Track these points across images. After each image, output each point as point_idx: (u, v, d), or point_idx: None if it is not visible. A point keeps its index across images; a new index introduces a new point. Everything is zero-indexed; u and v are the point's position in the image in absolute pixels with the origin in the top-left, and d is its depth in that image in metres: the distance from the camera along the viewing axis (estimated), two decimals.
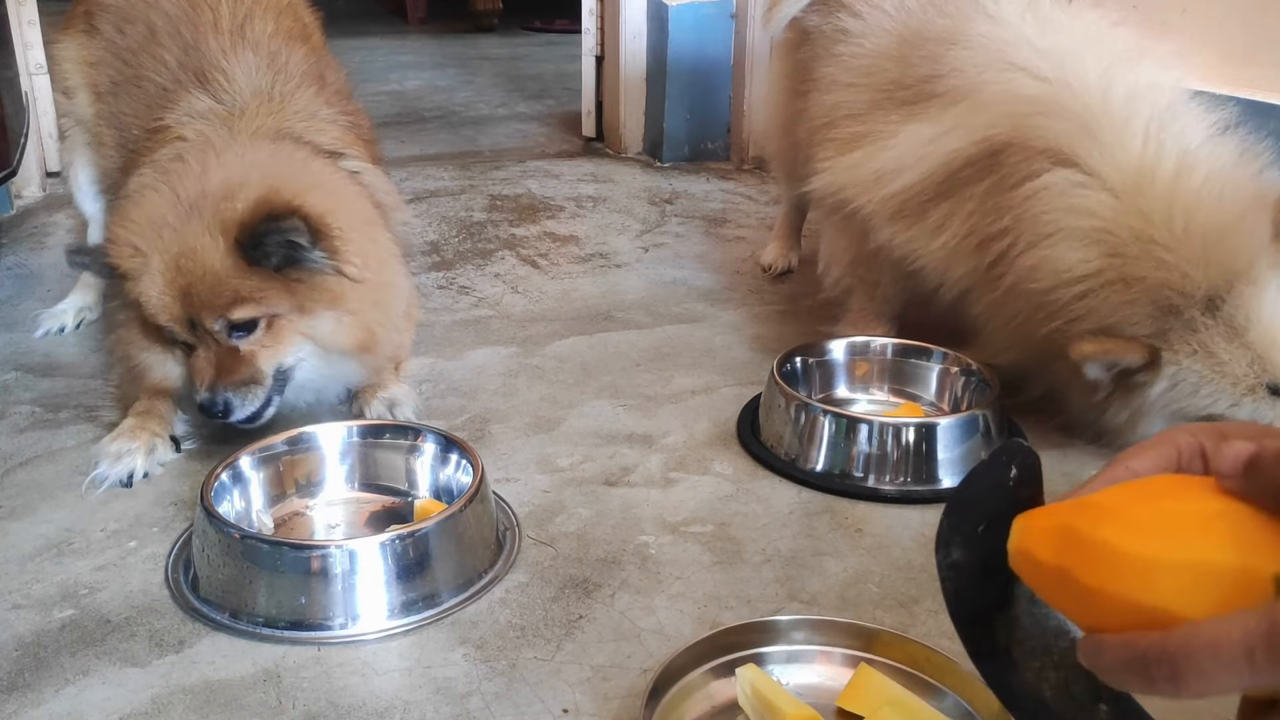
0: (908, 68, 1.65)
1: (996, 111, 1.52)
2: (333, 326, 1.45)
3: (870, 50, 1.72)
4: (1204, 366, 1.38)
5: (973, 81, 1.56)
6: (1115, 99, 1.45)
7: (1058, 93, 1.48)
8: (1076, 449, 1.56)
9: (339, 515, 1.38)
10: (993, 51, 1.56)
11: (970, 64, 1.56)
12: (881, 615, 1.18)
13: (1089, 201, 1.42)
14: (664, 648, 1.11)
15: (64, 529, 1.34)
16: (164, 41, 1.67)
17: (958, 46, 1.59)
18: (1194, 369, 1.38)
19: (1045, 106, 1.48)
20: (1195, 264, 1.37)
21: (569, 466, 1.50)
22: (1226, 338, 1.37)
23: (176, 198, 1.42)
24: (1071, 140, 1.44)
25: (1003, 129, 1.51)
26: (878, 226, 1.66)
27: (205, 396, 1.41)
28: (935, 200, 1.58)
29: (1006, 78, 1.53)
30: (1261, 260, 1.38)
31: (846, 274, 1.84)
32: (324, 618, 1.15)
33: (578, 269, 2.32)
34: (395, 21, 6.76)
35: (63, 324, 1.94)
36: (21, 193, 2.73)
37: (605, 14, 3.29)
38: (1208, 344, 1.37)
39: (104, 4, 1.80)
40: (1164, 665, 0.52)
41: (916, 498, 1.42)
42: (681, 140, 3.23)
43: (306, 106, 1.64)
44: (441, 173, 3.12)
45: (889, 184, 1.62)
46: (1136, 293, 1.39)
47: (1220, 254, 1.37)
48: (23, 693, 1.06)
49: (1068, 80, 1.49)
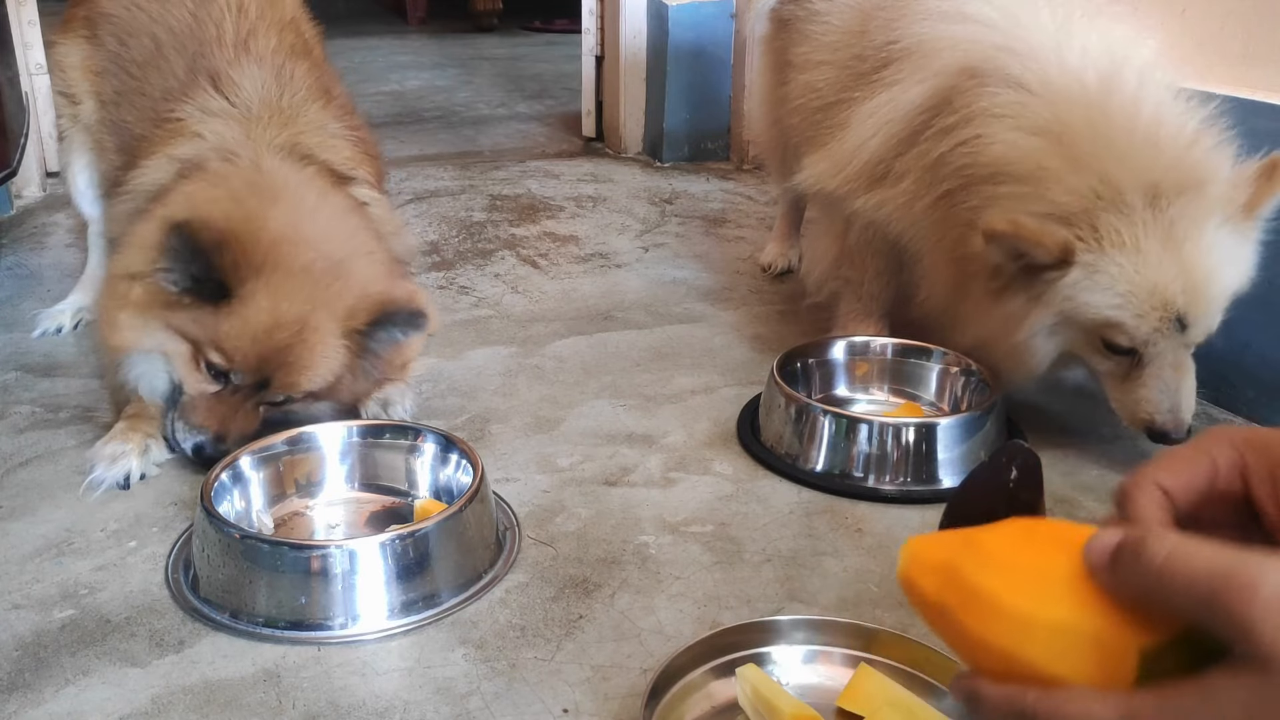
0: (868, 39, 1.67)
1: (947, 56, 1.52)
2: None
3: (837, 26, 1.75)
4: (1128, 262, 1.32)
5: (925, 34, 1.56)
6: (1073, 48, 1.44)
7: (1010, 40, 1.48)
8: (1076, 449, 1.56)
9: (339, 515, 1.38)
10: (946, 6, 1.56)
11: (923, 20, 1.57)
12: (881, 615, 1.18)
13: (1034, 102, 1.41)
14: (664, 648, 1.11)
15: (64, 529, 1.34)
16: (169, 55, 1.67)
17: (911, 9, 1.60)
18: (1117, 262, 1.33)
19: (997, 42, 1.48)
20: (1144, 154, 1.33)
21: (569, 466, 1.50)
22: (1162, 241, 1.32)
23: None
24: (1023, 68, 1.43)
25: (953, 67, 1.50)
26: (852, 203, 1.66)
27: (212, 443, 1.41)
28: (899, 156, 1.58)
29: (958, 27, 1.53)
30: (1215, 189, 1.34)
31: (830, 274, 1.85)
32: (324, 618, 1.15)
33: (578, 269, 2.32)
34: (395, 21, 6.76)
35: (60, 324, 1.94)
36: (21, 193, 2.73)
37: (605, 14, 3.29)
38: (1140, 239, 1.32)
39: (106, 13, 1.79)
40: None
41: (916, 498, 1.42)
42: (681, 140, 3.23)
43: (316, 119, 1.64)
44: (441, 173, 3.12)
45: (857, 158, 1.62)
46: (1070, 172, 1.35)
47: (1174, 157, 1.34)
48: (23, 693, 1.06)
49: (1020, 23, 1.49)
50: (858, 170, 1.63)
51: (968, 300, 1.51)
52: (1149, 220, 1.32)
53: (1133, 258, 1.33)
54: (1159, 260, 1.32)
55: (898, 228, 1.62)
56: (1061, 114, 1.40)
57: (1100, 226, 1.33)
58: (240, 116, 1.59)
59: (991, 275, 1.43)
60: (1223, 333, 1.67)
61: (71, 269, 2.18)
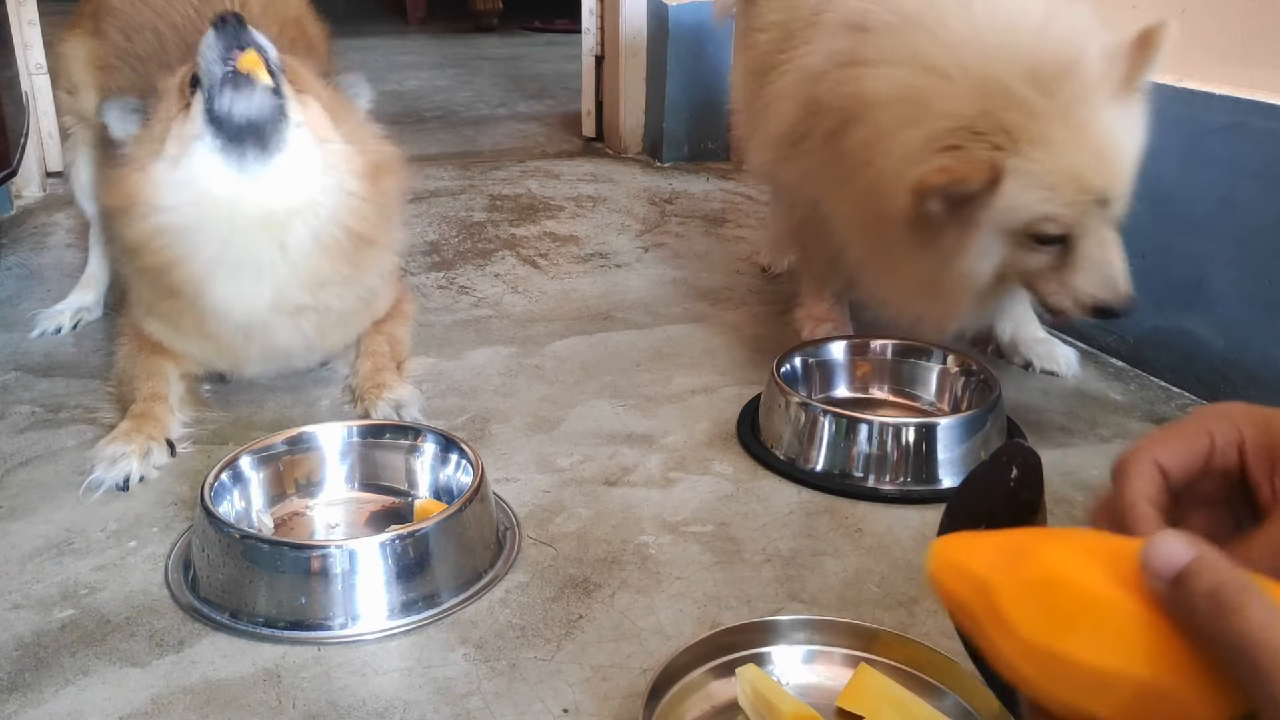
0: (806, 5, 1.67)
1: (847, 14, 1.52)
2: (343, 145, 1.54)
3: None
4: (1045, 155, 1.33)
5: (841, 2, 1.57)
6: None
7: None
8: (1076, 449, 1.56)
9: (339, 515, 1.38)
10: None
11: None
12: (881, 615, 1.18)
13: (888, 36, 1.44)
14: (664, 648, 1.11)
15: (64, 529, 1.34)
16: (171, 50, 1.68)
17: None
18: (1035, 158, 1.33)
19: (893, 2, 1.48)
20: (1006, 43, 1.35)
21: (569, 466, 1.50)
22: (1066, 126, 1.33)
23: None
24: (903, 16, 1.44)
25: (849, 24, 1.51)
26: (779, 176, 1.67)
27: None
28: (805, 118, 1.59)
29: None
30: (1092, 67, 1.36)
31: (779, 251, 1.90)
32: (324, 618, 1.15)
33: (578, 269, 2.32)
34: (395, 21, 6.75)
35: (59, 324, 1.94)
36: (21, 193, 2.73)
37: (605, 14, 3.29)
38: (1047, 129, 1.33)
39: (111, 8, 1.80)
40: None
41: (916, 498, 1.42)
42: (681, 140, 3.23)
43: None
44: (441, 173, 3.12)
45: (776, 127, 1.63)
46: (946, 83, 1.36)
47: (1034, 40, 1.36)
48: (23, 693, 1.06)
49: None
50: (776, 139, 1.65)
51: (892, 253, 1.50)
52: (1047, 109, 1.33)
53: (1049, 149, 1.34)
54: (1071, 145, 1.34)
55: (812, 191, 1.63)
56: (919, 41, 1.41)
57: (1010, 128, 1.34)
58: None
59: (916, 222, 1.41)
60: (1223, 333, 1.68)
61: (71, 269, 2.18)
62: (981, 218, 1.38)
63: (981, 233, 1.39)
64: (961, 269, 1.43)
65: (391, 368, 1.67)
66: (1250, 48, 1.63)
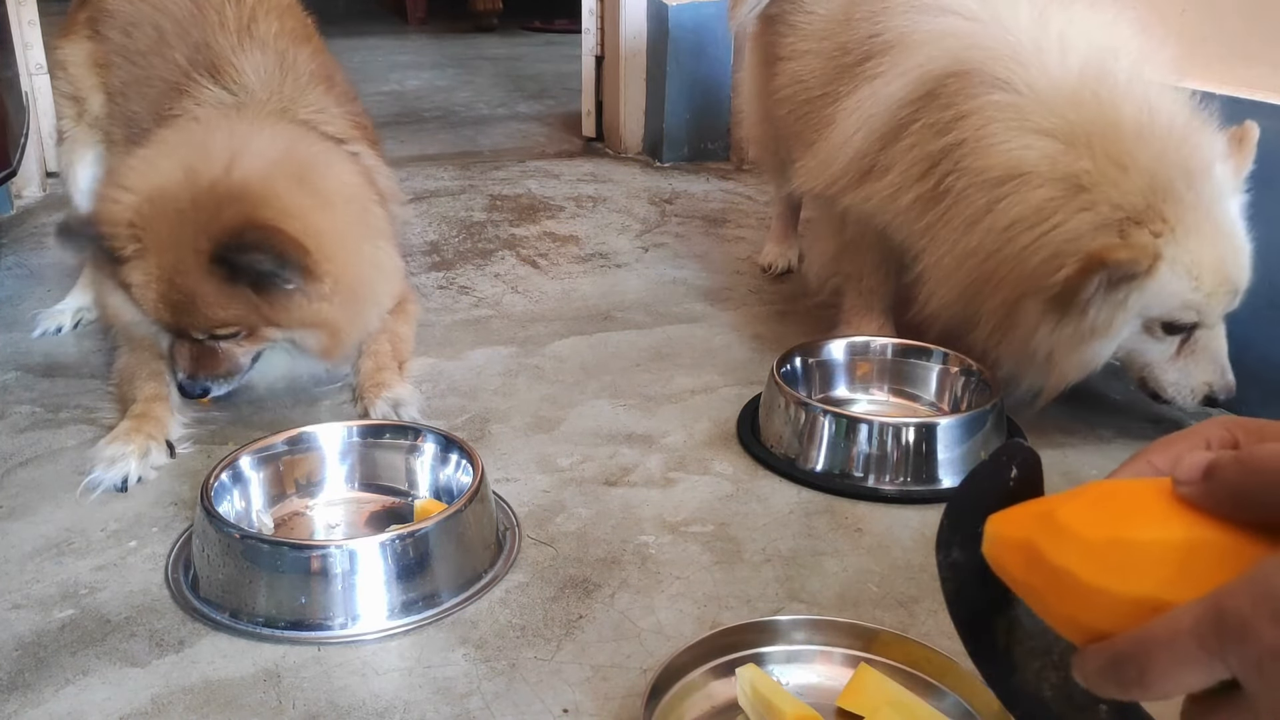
0: (852, 30, 1.69)
1: (929, 50, 1.54)
2: (303, 336, 1.53)
3: (823, 15, 1.78)
4: (1195, 245, 1.38)
5: (906, 27, 1.58)
6: (1050, 35, 1.48)
7: (989, 28, 1.51)
8: (1076, 449, 1.56)
9: (339, 515, 1.38)
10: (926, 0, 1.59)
11: (904, 13, 1.60)
12: (881, 615, 1.18)
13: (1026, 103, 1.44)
14: (664, 648, 1.11)
15: (64, 529, 1.34)
16: (172, 42, 1.69)
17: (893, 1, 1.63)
18: (1188, 249, 1.38)
19: (978, 40, 1.51)
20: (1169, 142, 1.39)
21: (569, 466, 1.50)
22: (1210, 220, 1.39)
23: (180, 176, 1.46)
24: (1007, 69, 1.47)
25: (937, 65, 1.53)
26: (842, 200, 1.68)
27: (186, 381, 1.52)
28: (884, 149, 1.60)
29: (938, 20, 1.56)
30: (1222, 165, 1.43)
31: (829, 271, 1.87)
32: (324, 618, 1.15)
33: (578, 269, 2.32)
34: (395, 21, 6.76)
35: (60, 324, 1.94)
36: (21, 193, 2.73)
37: (605, 14, 3.29)
38: (1199, 222, 1.38)
39: (108, 10, 1.81)
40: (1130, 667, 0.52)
41: (916, 498, 1.42)
42: (681, 140, 3.23)
43: (317, 102, 1.68)
44: (441, 173, 3.12)
45: (843, 154, 1.64)
46: (1120, 172, 1.39)
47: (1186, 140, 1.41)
48: (23, 693, 1.06)
49: (1000, 17, 1.52)
50: (844, 167, 1.65)
51: (1015, 315, 1.50)
52: (1195, 203, 1.39)
53: (1198, 241, 1.39)
54: (1214, 238, 1.40)
55: (885, 220, 1.64)
56: (1066, 114, 1.42)
57: (1169, 218, 1.38)
58: (238, 104, 1.61)
59: (1065, 296, 1.42)
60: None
61: (71, 269, 2.18)
62: (1130, 301, 1.41)
63: (1127, 316, 1.43)
64: (1094, 348, 1.46)
65: (393, 367, 1.68)
66: (1250, 48, 1.63)
